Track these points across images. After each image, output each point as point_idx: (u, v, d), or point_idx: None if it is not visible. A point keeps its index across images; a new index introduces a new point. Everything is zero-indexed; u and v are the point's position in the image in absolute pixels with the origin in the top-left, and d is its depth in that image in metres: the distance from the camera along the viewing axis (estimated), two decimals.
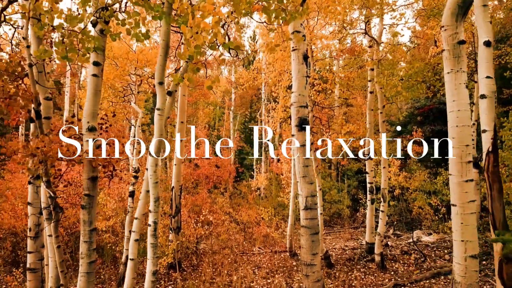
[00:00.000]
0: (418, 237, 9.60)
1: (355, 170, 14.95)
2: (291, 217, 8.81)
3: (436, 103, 11.64)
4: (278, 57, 7.22)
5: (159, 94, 3.29)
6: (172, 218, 7.99)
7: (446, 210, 10.17)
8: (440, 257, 8.09)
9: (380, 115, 7.60)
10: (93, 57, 3.71)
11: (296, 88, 4.74)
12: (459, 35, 3.75)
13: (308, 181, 4.67)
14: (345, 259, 8.38)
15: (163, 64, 3.24)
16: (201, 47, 2.64)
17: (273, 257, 8.78)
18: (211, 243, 9.93)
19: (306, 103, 4.77)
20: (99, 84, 3.76)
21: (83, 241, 3.66)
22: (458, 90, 3.69)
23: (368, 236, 8.60)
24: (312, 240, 4.67)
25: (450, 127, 3.63)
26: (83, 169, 3.71)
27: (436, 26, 7.35)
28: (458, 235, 3.46)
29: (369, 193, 8.61)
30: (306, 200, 4.65)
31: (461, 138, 3.62)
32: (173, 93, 3.59)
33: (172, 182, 7.91)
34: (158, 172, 3.26)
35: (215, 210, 11.27)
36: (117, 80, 6.65)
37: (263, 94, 17.70)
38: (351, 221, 13.40)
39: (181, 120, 8.06)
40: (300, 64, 4.76)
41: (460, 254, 3.44)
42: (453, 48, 3.74)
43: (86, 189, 3.68)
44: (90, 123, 3.69)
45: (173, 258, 7.23)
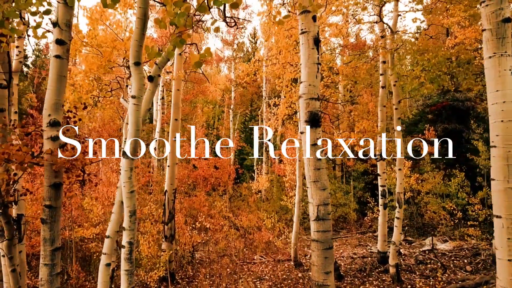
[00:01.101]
0: (433, 245, 8.86)
1: (361, 171, 14.20)
2: (296, 224, 8.07)
3: (449, 100, 10.90)
4: (283, 46, 6.48)
5: (135, 78, 2.56)
6: (165, 225, 7.27)
7: (462, 214, 9.45)
8: (461, 268, 7.34)
9: (395, 111, 6.88)
10: (56, 34, 2.98)
11: (305, 77, 4.00)
12: (505, 12, 3.08)
13: (320, 186, 3.92)
14: (355, 270, 7.64)
15: (140, 39, 2.51)
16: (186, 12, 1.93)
17: (276, 267, 8.04)
18: (209, 251, 9.20)
19: (317, 95, 4.02)
20: (64, 68, 3.03)
21: (43, 263, 2.94)
22: (502, 78, 3.07)
23: (381, 244, 7.87)
24: (325, 257, 3.91)
25: (493, 122, 3.02)
26: (44, 175, 2.99)
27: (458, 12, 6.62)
28: (504, 253, 2.88)
29: (381, 197, 7.88)
30: (318, 209, 3.90)
31: (507, 136, 3.02)
32: (155, 79, 2.86)
33: (165, 185, 7.19)
34: (134, 178, 2.53)
35: (213, 214, 10.54)
36: (101, 71, 5.94)
37: (264, 92, 16.96)
38: (357, 225, 12.67)
39: (175, 118, 7.33)
40: (311, 48, 4.02)
41: (506, 277, 2.87)
42: (497, 27, 3.10)
43: (47, 199, 2.96)
44: (52, 116, 2.97)
45: (165, 270, 6.50)
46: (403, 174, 6.96)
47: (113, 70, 6.16)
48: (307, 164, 3.96)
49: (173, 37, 2.10)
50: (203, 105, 20.81)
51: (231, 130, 19.15)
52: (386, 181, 7.94)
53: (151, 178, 13.07)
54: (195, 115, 19.49)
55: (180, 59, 7.14)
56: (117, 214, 2.75)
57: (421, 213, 11.06)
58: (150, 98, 2.86)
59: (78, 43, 5.86)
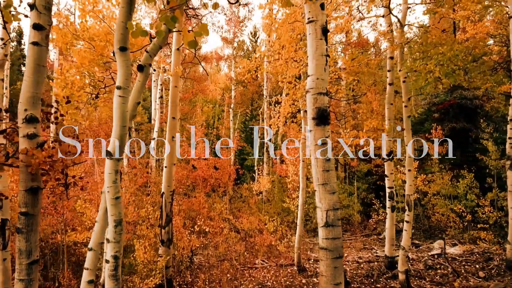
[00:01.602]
0: (442, 249, 8.50)
1: (364, 171, 13.83)
2: (299, 227, 7.71)
3: (457, 98, 10.53)
4: (286, 39, 6.13)
5: (120, 66, 2.21)
6: (162, 228, 6.90)
7: (471, 217, 9.08)
8: (473, 274, 6.98)
9: (405, 109, 6.52)
10: (33, 18, 2.63)
11: (313, 70, 3.63)
12: None
13: (329, 190, 3.56)
14: (362, 276, 7.28)
15: (126, 20, 2.15)
16: None
17: (278, 272, 7.69)
18: (208, 255, 8.85)
19: (326, 90, 3.66)
20: (43, 57, 2.69)
21: (19, 279, 2.61)
22: None
23: (388, 249, 7.51)
24: (335, 266, 3.55)
25: None
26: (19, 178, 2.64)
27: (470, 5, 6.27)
28: None
29: (389, 199, 7.52)
30: (327, 214, 3.54)
31: None
32: (146, 69, 2.51)
33: (162, 187, 6.83)
34: (119, 183, 2.18)
35: (213, 216, 10.18)
36: (94, 65, 5.59)
37: (265, 91, 16.60)
38: (361, 227, 12.30)
39: (173, 116, 6.96)
40: (318, 39, 3.65)
41: None
42: None
43: (22, 205, 2.62)
44: (29, 111, 2.63)
45: (162, 277, 6.15)
46: (412, 175, 6.60)
47: (106, 65, 5.81)
48: (314, 165, 3.59)
49: (163, 14, 1.75)
50: (203, 104, 20.44)
51: (231, 129, 18.80)
52: (394, 182, 7.58)
53: (149, 179, 12.73)
54: (194, 114, 19.13)
55: (178, 54, 6.79)
56: (101, 222, 2.40)
57: (427, 215, 10.69)
58: (139, 91, 2.51)
59: (69, 36, 5.51)
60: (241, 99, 20.68)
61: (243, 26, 19.43)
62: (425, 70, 4.79)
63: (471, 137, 10.97)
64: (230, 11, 18.47)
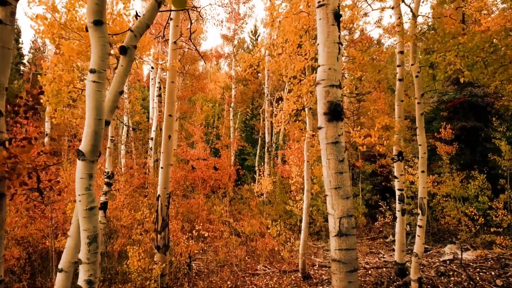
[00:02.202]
0: (454, 254, 8.07)
1: (369, 172, 13.39)
2: (304, 232, 7.28)
3: (467, 95, 10.09)
4: (290, 30, 5.70)
5: (95, 43, 1.79)
6: (158, 234, 6.48)
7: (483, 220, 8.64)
8: (490, 282, 6.54)
9: (418, 106, 6.08)
10: None
11: (324, 59, 3.18)
12: None
13: (343, 194, 3.12)
14: (370, 283, 6.84)
15: None
16: None
17: (281, 279, 7.25)
18: (207, 260, 8.41)
19: (339, 82, 3.21)
20: (7, 38, 2.25)
21: None
22: None
23: (398, 255, 7.08)
24: (349, 281, 3.14)
25: None
26: None
27: None
28: None
29: (399, 202, 7.08)
30: (340, 222, 3.10)
31: None
32: (130, 52, 2.08)
33: (158, 189, 6.41)
34: (93, 190, 1.75)
35: (213, 219, 9.75)
36: (82, 58, 5.18)
37: (266, 89, 16.17)
38: (366, 230, 11.87)
39: (169, 113, 6.53)
40: (330, 25, 3.21)
41: None
42: None
43: None
44: None
45: (157, 286, 5.72)
46: (426, 177, 6.16)
47: None
48: (326, 167, 3.15)
49: None
50: (202, 103, 20.01)
51: (232, 129, 18.37)
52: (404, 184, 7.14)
53: (146, 180, 12.31)
54: (193, 113, 18.70)
55: (175, 47, 6.36)
56: (75, 237, 1.98)
57: (436, 218, 10.26)
58: (122, 77, 2.08)
59: (56, 26, 5.09)
60: (241, 98, 20.24)
61: (243, 24, 19.02)
62: (444, 62, 4.36)
63: (481, 136, 10.54)
64: (231, 7, 18.06)
